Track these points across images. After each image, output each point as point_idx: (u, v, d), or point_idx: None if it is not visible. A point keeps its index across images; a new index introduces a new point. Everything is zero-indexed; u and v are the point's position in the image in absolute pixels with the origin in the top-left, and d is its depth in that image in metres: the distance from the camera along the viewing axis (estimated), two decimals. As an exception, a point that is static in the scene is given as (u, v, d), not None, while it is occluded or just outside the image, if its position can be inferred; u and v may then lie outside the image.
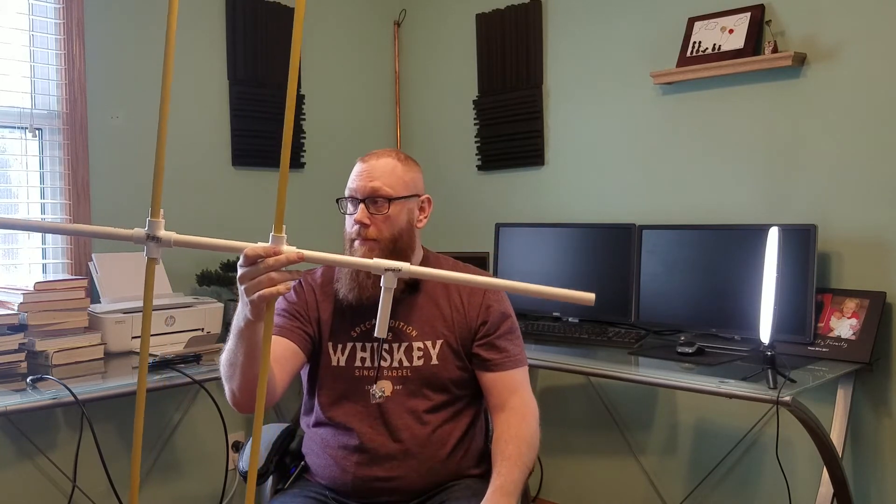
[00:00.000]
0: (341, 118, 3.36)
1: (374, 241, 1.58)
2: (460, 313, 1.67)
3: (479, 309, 1.67)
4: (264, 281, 1.11)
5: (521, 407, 1.61)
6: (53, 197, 2.58)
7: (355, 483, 1.60)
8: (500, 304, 1.69)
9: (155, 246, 0.90)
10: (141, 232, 0.91)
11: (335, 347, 1.65)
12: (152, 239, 0.90)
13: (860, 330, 2.18)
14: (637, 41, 2.78)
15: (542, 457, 2.96)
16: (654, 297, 2.54)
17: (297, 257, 1.00)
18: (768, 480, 2.48)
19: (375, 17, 3.50)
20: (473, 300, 1.68)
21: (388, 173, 1.61)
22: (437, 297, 1.68)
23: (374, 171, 1.61)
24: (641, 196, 2.78)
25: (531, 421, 1.62)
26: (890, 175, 2.24)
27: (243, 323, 1.32)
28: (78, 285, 2.27)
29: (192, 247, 1.00)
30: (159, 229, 0.90)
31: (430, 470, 1.61)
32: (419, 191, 1.68)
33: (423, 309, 1.66)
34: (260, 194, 3.08)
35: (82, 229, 0.92)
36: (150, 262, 0.91)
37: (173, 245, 0.94)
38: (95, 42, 2.60)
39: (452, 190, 3.39)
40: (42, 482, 2.46)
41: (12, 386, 1.97)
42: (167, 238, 0.91)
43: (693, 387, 2.01)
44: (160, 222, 0.90)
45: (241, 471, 1.70)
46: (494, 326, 1.67)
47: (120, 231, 0.92)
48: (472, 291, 1.68)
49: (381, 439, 1.60)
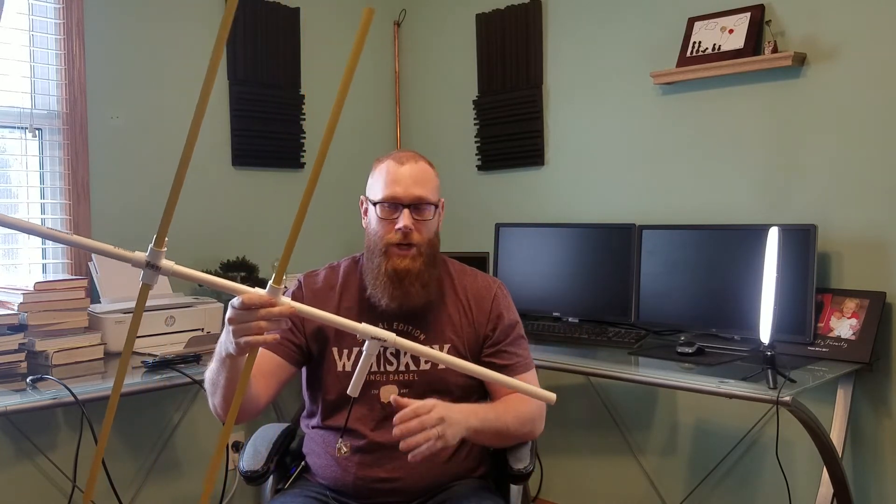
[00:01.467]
0: (341, 118, 3.32)
1: (416, 247, 1.60)
2: (469, 319, 1.69)
3: (489, 316, 1.69)
4: (254, 328, 1.15)
5: (526, 398, 1.62)
6: (53, 197, 2.58)
7: (356, 483, 1.60)
8: (508, 311, 1.72)
9: (152, 273, 0.90)
10: (141, 257, 0.90)
11: (341, 353, 1.65)
12: (151, 267, 0.90)
13: (860, 330, 2.18)
14: (637, 41, 2.78)
15: (542, 457, 2.96)
16: (654, 297, 2.54)
17: (290, 312, 1.07)
18: (768, 480, 2.48)
19: (375, 17, 3.47)
20: (482, 306, 1.69)
21: (429, 179, 1.64)
22: (447, 303, 1.69)
23: (417, 176, 1.62)
24: (641, 196, 2.78)
25: (533, 406, 1.62)
26: (890, 175, 2.24)
27: (225, 353, 1.35)
28: (78, 285, 2.27)
29: (189, 280, 1.00)
30: (160, 259, 0.90)
31: (431, 471, 1.61)
32: (439, 198, 1.72)
33: (433, 314, 1.67)
34: (260, 194, 3.08)
35: (85, 244, 0.91)
36: (144, 287, 0.90)
37: (171, 276, 0.94)
38: (95, 42, 2.60)
39: (452, 190, 3.37)
40: (42, 482, 2.46)
41: (12, 386, 1.97)
42: (167, 268, 0.91)
43: (693, 387, 2.02)
44: (162, 252, 0.90)
45: (241, 471, 1.69)
46: (504, 334, 1.69)
47: (121, 252, 0.92)
48: (480, 297, 1.70)
49: (384, 441, 1.59)
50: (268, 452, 1.70)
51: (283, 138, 3.12)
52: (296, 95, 3.18)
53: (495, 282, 1.76)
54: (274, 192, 3.13)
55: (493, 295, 1.71)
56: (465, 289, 1.71)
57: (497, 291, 1.72)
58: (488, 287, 1.73)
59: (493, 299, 1.70)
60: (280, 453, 1.74)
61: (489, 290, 1.72)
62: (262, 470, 1.66)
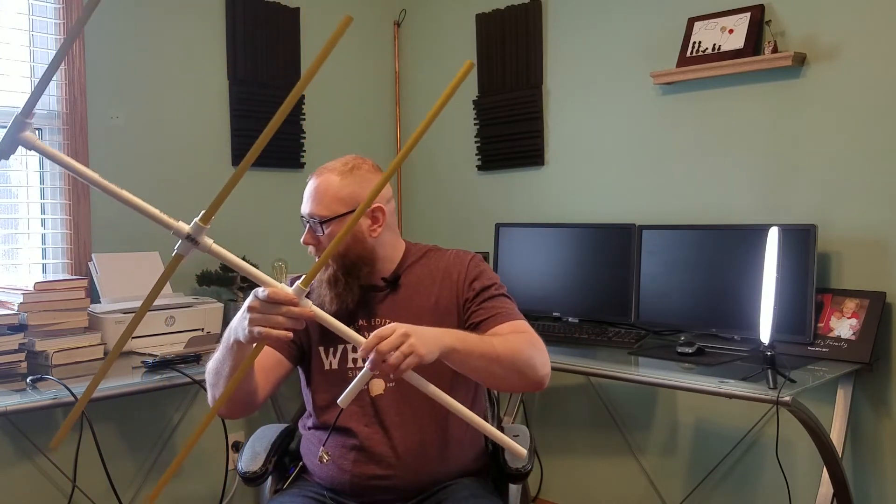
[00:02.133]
0: (341, 118, 3.36)
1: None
2: (444, 297, 1.66)
3: (463, 283, 1.65)
4: (271, 321, 1.19)
5: (524, 338, 1.55)
6: (53, 197, 2.58)
7: (353, 482, 1.60)
8: (483, 276, 1.67)
9: (189, 246, 0.91)
10: (184, 228, 0.91)
11: (327, 351, 1.65)
12: (191, 240, 0.91)
13: (860, 330, 2.18)
14: (637, 41, 2.78)
15: (542, 457, 2.96)
16: (654, 297, 2.54)
17: (309, 316, 1.16)
18: (768, 480, 2.48)
19: (375, 17, 3.50)
20: (453, 276, 1.67)
21: (323, 193, 1.61)
22: (419, 288, 1.67)
23: (314, 192, 1.62)
24: (641, 196, 2.78)
25: (529, 348, 1.53)
26: (890, 175, 2.24)
27: (233, 339, 1.35)
28: (78, 285, 2.27)
29: (224, 261, 1.01)
30: (201, 234, 0.91)
31: (425, 468, 1.60)
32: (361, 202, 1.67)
33: (406, 303, 1.65)
34: (260, 194, 3.08)
35: (133, 202, 0.92)
36: (176, 257, 0.91)
37: (206, 252, 0.95)
38: (95, 42, 2.60)
39: (452, 190, 3.39)
40: (42, 482, 2.46)
41: (12, 386, 1.97)
42: (205, 245, 0.92)
43: (693, 387, 2.02)
44: (205, 228, 0.91)
45: (240, 471, 1.69)
46: (480, 295, 1.64)
47: (165, 218, 0.94)
48: (447, 273, 1.67)
49: (377, 437, 1.60)
50: (266, 453, 1.71)
51: (283, 138, 3.12)
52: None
53: (468, 254, 1.72)
54: (274, 192, 3.13)
55: (465, 265, 1.68)
56: (437, 268, 1.68)
57: (470, 262, 1.69)
58: (460, 259, 1.70)
59: (466, 268, 1.67)
60: (279, 454, 1.74)
61: (461, 262, 1.69)
62: (259, 471, 1.67)
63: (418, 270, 1.68)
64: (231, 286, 2.77)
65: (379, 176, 1.65)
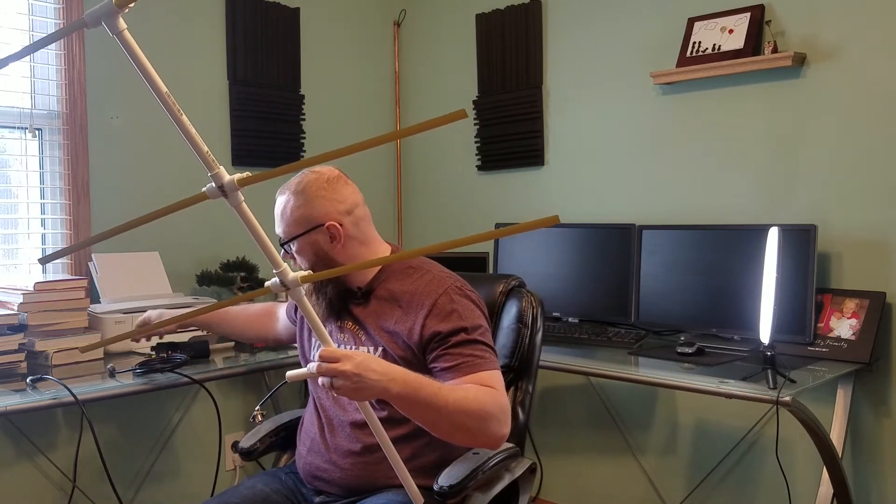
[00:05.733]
0: (341, 118, 3.36)
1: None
2: (403, 324, 1.58)
3: (420, 319, 1.56)
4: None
5: (488, 390, 1.47)
6: (53, 197, 2.58)
7: (304, 469, 1.70)
8: (450, 320, 1.54)
9: (217, 193, 0.94)
10: (225, 176, 0.94)
11: (317, 347, 1.73)
12: (221, 190, 0.93)
13: (860, 330, 2.18)
14: (637, 41, 2.78)
15: (542, 457, 2.96)
16: (654, 298, 2.54)
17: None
18: (768, 480, 2.48)
19: (375, 17, 3.50)
20: (415, 308, 1.57)
21: (280, 215, 1.69)
22: (385, 307, 1.62)
23: (277, 215, 1.70)
24: (641, 196, 2.78)
25: (489, 399, 1.44)
26: (890, 175, 2.24)
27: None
28: (78, 285, 2.27)
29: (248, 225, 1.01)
30: (236, 191, 0.93)
31: (358, 470, 1.60)
32: (316, 221, 1.62)
33: (373, 318, 1.64)
34: (260, 194, 3.07)
35: (191, 134, 0.92)
36: (200, 194, 0.96)
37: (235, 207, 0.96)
38: (95, 42, 2.60)
39: (452, 190, 3.39)
40: (42, 482, 2.46)
41: (12, 386, 1.97)
42: (235, 199, 0.94)
43: (693, 387, 2.02)
44: (240, 190, 0.93)
45: (239, 448, 1.85)
46: (443, 336, 1.53)
47: (210, 159, 0.94)
48: (413, 299, 1.58)
49: (321, 431, 1.68)
50: (266, 432, 1.86)
51: (283, 138, 3.12)
52: (296, 95, 3.18)
53: (444, 283, 1.60)
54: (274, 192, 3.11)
55: (435, 297, 1.57)
56: (408, 291, 1.60)
57: (441, 295, 1.57)
58: (432, 289, 1.59)
59: (434, 302, 1.56)
60: (280, 436, 1.88)
61: (433, 292, 1.58)
62: (251, 447, 1.84)
63: (393, 286, 1.63)
64: (231, 286, 2.77)
65: (340, 185, 1.65)
